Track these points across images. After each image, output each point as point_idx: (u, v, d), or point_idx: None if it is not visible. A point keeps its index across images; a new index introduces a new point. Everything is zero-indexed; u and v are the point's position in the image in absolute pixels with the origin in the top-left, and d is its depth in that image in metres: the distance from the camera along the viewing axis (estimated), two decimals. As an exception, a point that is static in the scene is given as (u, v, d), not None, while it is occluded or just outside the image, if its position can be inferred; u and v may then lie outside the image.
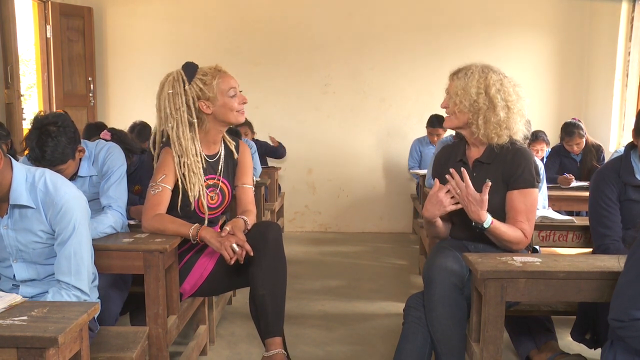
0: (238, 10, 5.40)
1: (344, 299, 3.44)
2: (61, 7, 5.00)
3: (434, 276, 1.87)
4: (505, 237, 1.94)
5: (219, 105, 2.13)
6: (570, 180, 3.74)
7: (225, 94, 2.13)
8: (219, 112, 2.15)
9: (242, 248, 1.98)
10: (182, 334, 2.62)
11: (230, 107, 2.14)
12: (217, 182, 2.25)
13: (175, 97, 2.11)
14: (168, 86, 2.13)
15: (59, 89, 5.01)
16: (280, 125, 5.51)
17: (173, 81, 2.12)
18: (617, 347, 1.52)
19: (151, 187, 2.14)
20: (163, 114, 2.14)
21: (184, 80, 2.11)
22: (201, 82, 2.12)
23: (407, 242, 5.15)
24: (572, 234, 2.56)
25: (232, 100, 2.14)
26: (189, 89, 2.11)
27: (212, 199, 2.23)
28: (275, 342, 2.03)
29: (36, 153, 1.96)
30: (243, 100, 2.18)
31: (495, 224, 1.93)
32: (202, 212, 2.20)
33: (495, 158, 2.04)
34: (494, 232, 1.94)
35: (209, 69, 2.15)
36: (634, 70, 4.58)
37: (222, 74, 2.15)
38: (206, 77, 2.12)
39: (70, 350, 1.33)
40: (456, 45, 5.26)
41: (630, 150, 2.22)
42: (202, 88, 2.11)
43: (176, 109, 2.11)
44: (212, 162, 2.25)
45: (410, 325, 1.94)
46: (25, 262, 1.73)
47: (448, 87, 2.10)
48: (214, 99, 2.13)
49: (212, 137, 2.22)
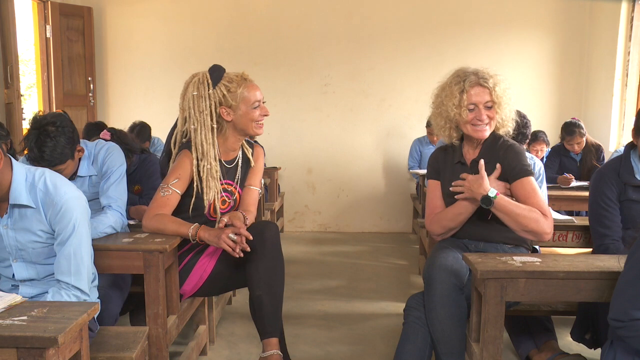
0: (238, 10, 5.40)
1: (344, 299, 3.44)
2: (61, 7, 5.00)
3: (434, 276, 1.87)
4: (519, 210, 1.90)
5: (240, 115, 2.12)
6: (570, 180, 3.74)
7: (248, 104, 2.12)
8: (239, 121, 2.14)
9: (240, 236, 1.97)
10: (182, 334, 2.62)
11: (251, 117, 2.13)
12: (233, 190, 2.24)
13: (199, 99, 2.10)
14: (193, 87, 2.11)
15: (59, 89, 5.01)
16: (280, 125, 5.51)
17: (198, 83, 2.11)
18: (617, 347, 1.52)
19: (161, 188, 2.12)
20: (187, 114, 2.13)
21: (209, 83, 2.10)
22: (226, 88, 2.10)
23: (407, 242, 5.15)
24: (572, 234, 2.56)
25: (253, 111, 2.13)
26: (213, 93, 2.10)
27: (224, 204, 2.22)
28: (272, 343, 2.03)
29: (35, 153, 1.96)
30: (265, 112, 2.17)
31: (503, 197, 1.91)
32: (213, 216, 2.19)
33: (491, 156, 2.06)
34: (503, 206, 1.91)
35: (236, 76, 2.13)
36: (633, 69, 4.58)
37: (247, 84, 2.13)
38: (231, 85, 2.10)
39: (70, 350, 1.33)
40: (456, 45, 5.26)
41: (630, 150, 2.22)
42: (225, 94, 2.10)
43: (200, 111, 2.10)
44: (229, 168, 2.24)
45: (410, 325, 1.94)
46: (25, 261, 1.73)
47: (475, 98, 2.01)
48: (236, 108, 2.11)
49: (231, 144, 2.21)
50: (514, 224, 1.93)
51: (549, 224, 1.93)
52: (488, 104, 2.02)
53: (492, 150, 2.08)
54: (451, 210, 2.07)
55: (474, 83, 2.02)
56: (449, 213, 2.08)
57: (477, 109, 2.02)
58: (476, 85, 2.02)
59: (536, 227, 1.90)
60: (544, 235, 1.93)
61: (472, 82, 2.02)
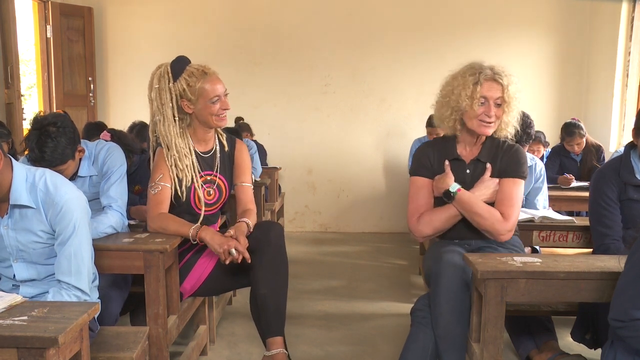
0: (238, 10, 5.40)
1: (344, 299, 3.44)
2: (61, 7, 5.00)
3: (441, 272, 1.86)
4: (476, 209, 1.97)
5: (200, 108, 2.13)
6: (571, 180, 3.74)
7: (207, 98, 2.12)
8: (199, 114, 2.15)
9: (240, 253, 1.98)
10: (182, 334, 2.62)
11: (210, 111, 2.14)
12: (214, 179, 2.25)
13: (161, 92, 2.12)
14: (155, 80, 2.13)
15: (59, 89, 5.01)
16: (280, 125, 5.51)
17: (160, 76, 2.13)
18: (618, 347, 1.52)
19: (151, 187, 2.15)
20: (154, 107, 2.16)
21: (169, 77, 2.11)
22: (185, 82, 2.11)
23: (407, 242, 5.15)
24: (572, 234, 2.56)
25: (212, 105, 2.13)
26: (173, 86, 2.11)
27: (210, 195, 2.24)
28: (277, 342, 2.04)
29: (36, 154, 1.96)
30: (225, 106, 2.17)
31: (464, 192, 1.96)
32: (198, 207, 2.20)
33: (494, 156, 2.06)
34: (462, 202, 1.97)
35: (196, 69, 2.13)
36: (634, 70, 4.58)
37: (208, 78, 2.12)
38: (191, 79, 2.11)
39: (71, 350, 1.33)
40: (456, 45, 5.26)
41: (630, 150, 2.22)
42: (185, 88, 2.11)
43: (162, 103, 2.12)
44: (206, 157, 2.25)
45: (417, 326, 1.94)
46: (25, 262, 1.73)
47: (489, 92, 1.99)
48: (195, 101, 2.12)
49: (201, 135, 2.22)
50: (471, 221, 2.01)
51: (506, 227, 1.99)
52: (498, 101, 2.01)
53: (494, 150, 2.08)
54: (445, 213, 2.05)
55: (489, 77, 2.00)
56: (442, 215, 2.05)
57: (487, 104, 2.00)
58: (491, 79, 2.00)
59: (490, 228, 1.99)
60: (499, 237, 2.01)
61: (488, 76, 2.00)
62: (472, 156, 2.11)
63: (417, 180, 2.15)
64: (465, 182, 2.07)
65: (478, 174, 2.08)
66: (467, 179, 2.09)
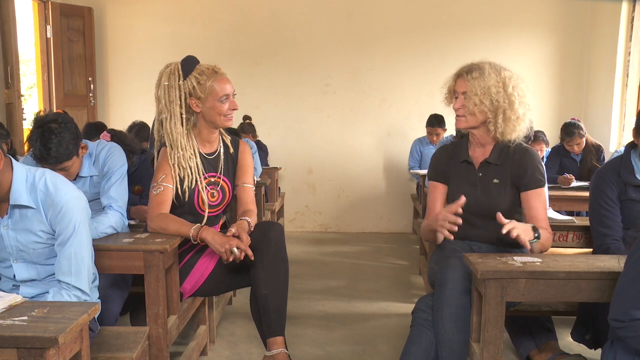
0: (238, 10, 5.40)
1: (344, 299, 3.44)
2: (61, 7, 5.00)
3: (448, 276, 1.85)
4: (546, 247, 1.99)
5: (208, 107, 2.14)
6: (571, 180, 3.74)
7: (216, 97, 2.13)
8: (207, 113, 2.16)
9: (242, 251, 1.99)
10: (182, 334, 2.62)
11: (219, 111, 2.15)
12: (217, 180, 2.25)
13: (170, 89, 2.12)
14: (165, 78, 2.14)
15: (59, 89, 5.01)
16: (281, 125, 5.51)
17: (170, 73, 2.13)
18: (617, 347, 1.52)
19: (153, 187, 2.15)
20: (161, 105, 2.16)
21: (179, 74, 2.12)
22: (195, 80, 2.12)
23: (407, 242, 5.15)
24: (573, 234, 2.56)
25: (221, 104, 2.14)
26: (183, 84, 2.12)
27: (213, 197, 2.24)
28: (278, 342, 2.04)
29: (41, 151, 1.96)
30: (234, 106, 2.18)
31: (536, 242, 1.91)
32: (202, 209, 2.20)
33: (504, 159, 2.05)
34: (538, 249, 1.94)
35: (207, 68, 2.15)
36: (634, 70, 4.58)
37: (218, 77, 2.14)
38: (201, 77, 2.12)
39: (71, 351, 1.33)
40: (456, 45, 5.26)
41: (631, 150, 2.22)
42: (195, 86, 2.12)
43: (170, 101, 2.13)
44: (211, 159, 2.25)
45: (417, 327, 1.92)
46: (25, 262, 1.73)
47: (457, 87, 2.06)
48: (205, 100, 2.13)
49: (206, 136, 2.23)
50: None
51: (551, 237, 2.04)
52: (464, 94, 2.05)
53: (505, 152, 2.07)
54: (427, 227, 2.11)
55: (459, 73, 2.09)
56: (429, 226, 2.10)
57: (458, 98, 2.08)
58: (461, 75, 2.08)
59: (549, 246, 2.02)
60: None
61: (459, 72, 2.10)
62: (483, 158, 2.11)
63: (431, 185, 2.22)
64: (476, 185, 2.08)
65: (486, 176, 2.08)
66: (477, 182, 2.09)
